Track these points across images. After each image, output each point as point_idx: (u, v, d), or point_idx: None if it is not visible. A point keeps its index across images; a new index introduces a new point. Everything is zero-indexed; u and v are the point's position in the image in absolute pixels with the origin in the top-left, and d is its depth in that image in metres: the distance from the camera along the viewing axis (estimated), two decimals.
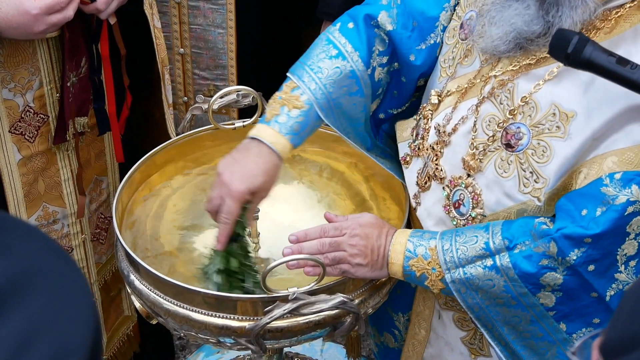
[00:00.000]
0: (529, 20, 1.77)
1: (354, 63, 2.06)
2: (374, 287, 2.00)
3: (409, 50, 2.10)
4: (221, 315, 1.88)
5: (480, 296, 1.85)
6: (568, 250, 1.71)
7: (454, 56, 2.03)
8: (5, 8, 2.16)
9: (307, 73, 2.05)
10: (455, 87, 1.98)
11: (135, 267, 1.99)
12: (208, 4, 2.88)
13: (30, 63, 2.35)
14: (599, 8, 1.72)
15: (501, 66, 1.88)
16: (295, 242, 1.93)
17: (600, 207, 1.69)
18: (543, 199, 1.79)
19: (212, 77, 2.96)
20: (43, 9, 2.17)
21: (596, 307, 1.79)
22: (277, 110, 2.01)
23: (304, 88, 2.03)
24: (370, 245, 1.90)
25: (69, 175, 2.54)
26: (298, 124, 2.01)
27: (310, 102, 2.02)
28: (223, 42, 2.91)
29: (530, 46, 1.80)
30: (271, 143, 1.97)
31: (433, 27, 2.10)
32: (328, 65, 2.05)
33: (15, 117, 2.37)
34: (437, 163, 1.98)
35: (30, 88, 2.37)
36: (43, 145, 2.45)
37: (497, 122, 1.85)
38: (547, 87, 1.79)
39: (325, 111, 2.04)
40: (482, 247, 1.82)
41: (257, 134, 2.00)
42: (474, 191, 1.89)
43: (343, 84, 2.06)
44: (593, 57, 1.62)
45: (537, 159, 1.78)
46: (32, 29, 2.19)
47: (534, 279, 1.77)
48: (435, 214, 2.00)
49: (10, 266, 0.82)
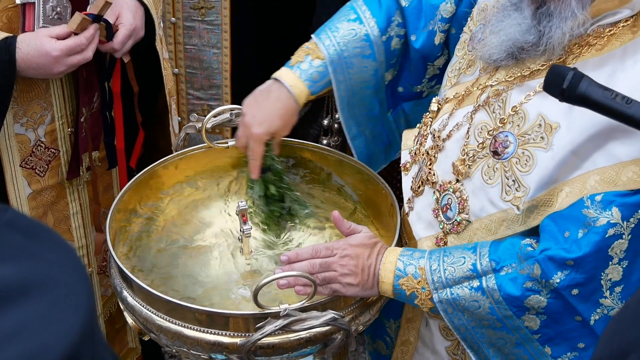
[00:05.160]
0: (524, 30, 1.81)
1: (369, 28, 2.20)
2: (365, 304, 2.02)
3: (414, 30, 2.24)
4: (213, 332, 1.89)
5: (467, 317, 1.87)
6: (551, 272, 1.73)
7: (460, 66, 2.09)
8: (25, 49, 2.18)
9: (325, 32, 2.22)
10: (453, 94, 2.03)
11: (128, 283, 2.01)
12: (203, 25, 2.91)
13: (43, 98, 2.37)
14: (588, 22, 1.76)
15: (498, 76, 1.92)
16: (286, 262, 1.94)
17: (582, 229, 1.72)
18: (522, 207, 1.81)
19: (206, 97, 2.99)
20: (64, 50, 2.19)
21: (581, 332, 1.81)
22: (302, 57, 2.20)
23: (320, 45, 2.19)
24: (360, 265, 1.92)
25: (77, 209, 2.56)
26: (318, 74, 2.17)
27: (326, 54, 2.18)
28: (218, 62, 2.95)
29: (522, 55, 1.84)
30: (290, 86, 2.14)
31: (433, 14, 2.22)
32: (345, 26, 2.22)
33: (26, 152, 2.39)
34: (431, 168, 2.01)
35: (42, 123, 2.39)
36: (53, 179, 2.47)
37: (487, 130, 1.89)
38: (536, 98, 1.82)
39: (335, 66, 2.18)
40: (469, 268, 1.84)
41: (280, 75, 2.18)
42: (461, 196, 1.92)
43: (356, 45, 2.20)
44: (588, 92, 1.64)
45: (520, 168, 1.81)
46: (51, 70, 2.22)
47: (518, 302, 1.79)
48: (424, 218, 2.03)
49: (26, 270, 0.88)
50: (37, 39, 2.19)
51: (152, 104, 2.81)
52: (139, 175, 2.32)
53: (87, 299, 0.92)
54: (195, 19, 2.95)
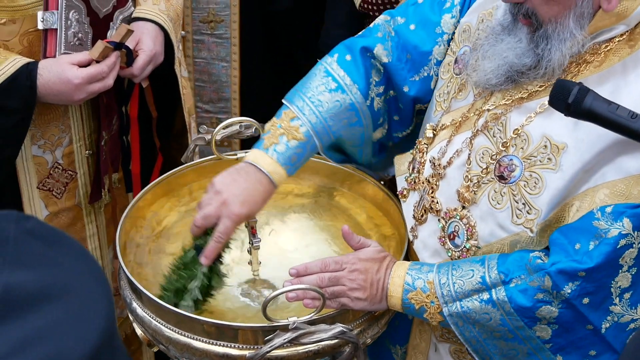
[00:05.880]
0: (520, 54, 1.82)
1: (353, 96, 2.11)
2: (373, 317, 2.02)
3: (403, 82, 2.16)
4: (222, 344, 1.89)
5: (478, 329, 1.87)
6: (562, 284, 1.74)
7: (448, 90, 2.07)
8: (47, 75, 2.20)
9: (308, 105, 2.09)
10: (450, 121, 2.02)
11: (138, 295, 2.01)
12: (212, 38, 2.94)
13: (61, 121, 2.39)
14: (588, 42, 1.77)
15: (494, 100, 1.92)
16: (295, 276, 1.94)
17: (593, 241, 1.72)
18: (535, 229, 1.81)
19: (215, 110, 3.01)
20: (85, 78, 2.21)
21: (592, 339, 1.81)
22: (276, 138, 2.05)
23: (304, 120, 2.07)
24: (369, 279, 1.92)
25: (94, 230, 2.57)
26: (295, 155, 2.05)
27: (310, 134, 2.06)
28: (227, 75, 2.96)
29: (521, 79, 1.85)
30: (269, 173, 2.01)
31: (426, 60, 2.15)
32: (328, 98, 2.10)
33: (43, 174, 2.41)
34: (433, 196, 2.01)
35: (59, 145, 2.41)
36: (70, 201, 2.48)
37: (490, 155, 1.89)
38: (538, 119, 1.82)
39: (325, 143, 2.10)
40: (478, 281, 1.84)
41: (256, 160, 2.03)
42: (468, 223, 1.92)
43: (343, 116, 2.11)
44: (593, 107, 1.64)
45: (529, 191, 1.81)
46: (72, 97, 2.24)
47: (529, 313, 1.79)
48: (430, 246, 2.03)
49: (47, 277, 0.90)
50: (58, 65, 2.21)
51: (169, 124, 2.82)
52: (150, 187, 2.33)
53: (106, 305, 0.94)
54: (205, 33, 2.97)
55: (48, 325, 0.86)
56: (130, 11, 2.48)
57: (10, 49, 2.25)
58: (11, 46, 2.25)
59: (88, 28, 2.31)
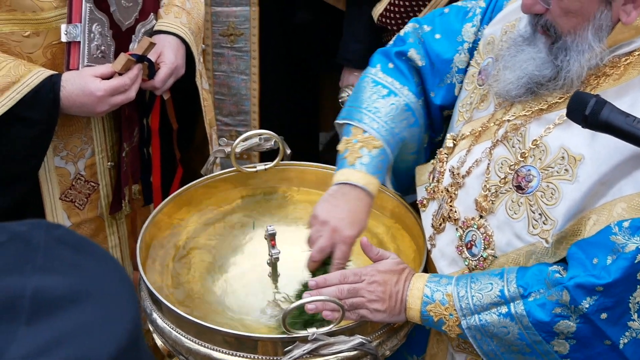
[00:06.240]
0: (540, 64, 1.83)
1: (405, 97, 2.18)
2: (392, 329, 2.03)
3: (431, 87, 2.22)
4: (242, 355, 1.90)
5: (496, 343, 1.88)
6: (580, 298, 1.74)
7: (471, 101, 2.10)
8: (70, 87, 2.22)
9: (367, 115, 2.15)
10: (470, 131, 2.04)
11: (158, 306, 2.03)
12: (232, 51, 2.95)
13: (83, 132, 2.41)
14: (607, 55, 1.78)
15: (514, 111, 1.93)
16: (314, 287, 1.96)
17: (611, 256, 1.72)
18: (551, 240, 1.82)
19: (235, 123, 3.02)
20: (108, 90, 2.23)
21: (610, 355, 1.80)
22: (358, 152, 2.10)
23: (367, 128, 2.13)
24: (388, 291, 1.93)
25: (116, 242, 2.58)
26: (380, 162, 2.11)
27: (381, 138, 2.12)
28: (246, 89, 2.98)
29: (540, 90, 1.86)
30: (364, 185, 2.06)
31: (448, 68, 2.20)
32: (382, 104, 2.16)
33: (66, 185, 2.42)
34: (452, 205, 2.02)
35: (82, 156, 2.43)
36: (92, 212, 2.50)
37: (509, 165, 1.90)
38: (557, 131, 1.84)
39: (392, 146, 2.14)
40: (497, 294, 1.84)
41: (347, 179, 2.08)
42: (485, 232, 1.93)
43: (402, 117, 2.17)
44: (610, 118, 1.65)
45: (546, 201, 1.82)
46: (95, 109, 2.25)
47: (547, 327, 1.80)
48: (448, 255, 2.04)
49: (75, 282, 0.92)
50: (81, 78, 2.23)
51: (190, 137, 2.84)
52: (170, 199, 2.34)
53: (132, 309, 0.96)
54: (225, 46, 2.99)
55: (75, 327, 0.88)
56: (152, 24, 2.50)
57: (33, 61, 2.27)
58: (35, 58, 2.28)
59: (111, 41, 2.34)
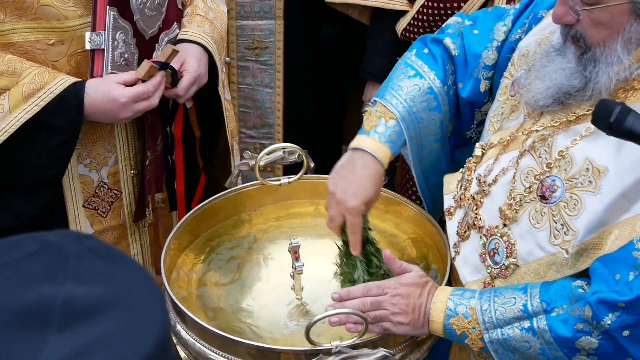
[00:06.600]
0: (569, 74, 1.84)
1: (430, 80, 2.20)
2: (415, 342, 2.03)
3: (461, 78, 2.25)
4: None
5: (517, 357, 1.87)
6: (602, 314, 1.73)
7: (502, 111, 2.11)
8: (93, 94, 2.24)
9: (389, 92, 2.19)
10: (498, 140, 2.05)
11: (182, 318, 2.03)
12: (257, 65, 2.97)
13: (107, 140, 2.43)
14: (635, 68, 1.77)
15: (543, 121, 1.94)
16: (338, 300, 1.96)
17: (633, 272, 1.71)
18: (571, 251, 1.81)
19: (259, 135, 3.04)
20: (131, 97, 2.25)
21: None
22: (375, 121, 2.15)
23: (387, 104, 2.16)
24: (411, 304, 1.94)
25: (138, 250, 2.60)
26: (395, 134, 2.13)
27: (398, 114, 2.15)
28: (271, 102, 2.99)
29: (568, 100, 1.87)
30: (373, 151, 2.09)
31: (476, 62, 2.23)
32: (407, 83, 2.20)
33: (89, 193, 2.44)
34: (477, 212, 2.03)
35: (105, 164, 2.45)
36: (115, 220, 2.52)
37: (534, 175, 1.90)
38: (583, 142, 1.84)
39: (407, 123, 2.16)
40: (520, 309, 1.84)
41: (359, 144, 2.11)
42: (508, 240, 1.93)
43: (423, 98, 2.19)
44: (635, 126, 1.65)
45: (568, 212, 1.82)
46: (118, 115, 2.28)
47: (569, 343, 1.79)
48: (471, 263, 2.04)
49: (106, 291, 0.94)
50: (105, 85, 2.26)
51: (212, 146, 2.86)
52: (195, 211, 2.35)
53: (161, 317, 0.97)
54: (249, 59, 3.01)
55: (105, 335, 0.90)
56: (175, 33, 2.52)
57: (58, 69, 2.29)
58: (59, 66, 2.30)
59: (134, 49, 2.36)
